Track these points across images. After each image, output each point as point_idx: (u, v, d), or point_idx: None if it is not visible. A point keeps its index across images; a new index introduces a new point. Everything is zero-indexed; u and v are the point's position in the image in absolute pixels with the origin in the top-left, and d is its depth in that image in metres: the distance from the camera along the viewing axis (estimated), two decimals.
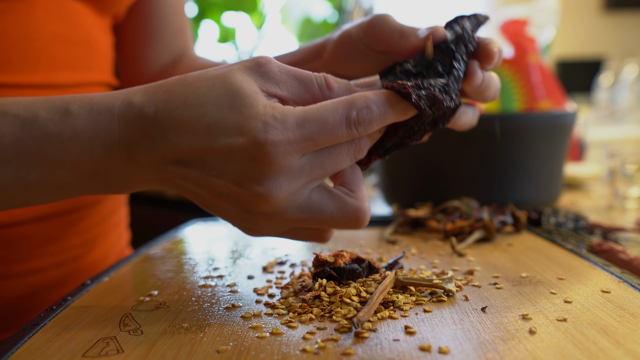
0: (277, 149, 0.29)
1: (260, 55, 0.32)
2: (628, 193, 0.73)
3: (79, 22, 0.51)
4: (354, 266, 0.37)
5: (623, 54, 2.79)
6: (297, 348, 0.28)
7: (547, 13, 1.02)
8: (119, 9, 0.56)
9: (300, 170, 0.31)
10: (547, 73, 0.90)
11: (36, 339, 0.30)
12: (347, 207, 0.33)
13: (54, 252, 0.51)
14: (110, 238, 0.58)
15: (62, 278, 0.52)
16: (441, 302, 0.34)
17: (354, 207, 0.33)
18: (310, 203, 0.32)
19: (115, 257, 0.59)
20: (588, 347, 0.27)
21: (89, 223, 0.54)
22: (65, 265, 0.52)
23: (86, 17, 0.52)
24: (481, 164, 0.60)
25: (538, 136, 0.60)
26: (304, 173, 0.31)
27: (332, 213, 0.33)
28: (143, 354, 0.28)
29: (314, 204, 0.32)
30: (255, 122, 0.29)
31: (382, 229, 0.55)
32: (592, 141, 1.13)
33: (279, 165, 0.30)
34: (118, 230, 0.61)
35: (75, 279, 0.52)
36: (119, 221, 0.61)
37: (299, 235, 0.35)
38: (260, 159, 0.29)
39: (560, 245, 0.46)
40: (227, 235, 0.55)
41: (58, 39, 0.49)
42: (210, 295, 0.37)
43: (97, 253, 0.56)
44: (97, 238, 0.56)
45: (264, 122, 0.29)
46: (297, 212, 0.32)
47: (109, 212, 0.58)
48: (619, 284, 0.36)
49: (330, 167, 0.32)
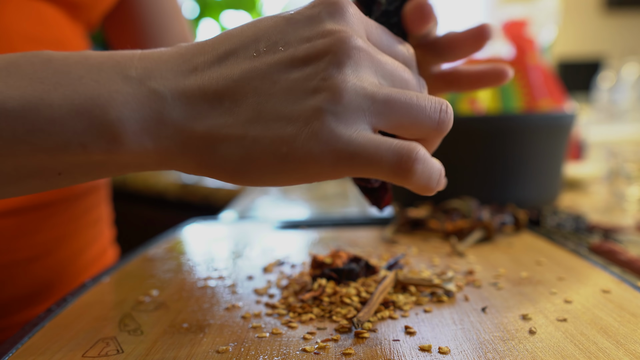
0: (346, 9, 0.27)
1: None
2: (628, 193, 0.73)
3: (51, 24, 0.50)
4: (352, 266, 0.37)
5: (623, 53, 2.79)
6: (297, 348, 0.28)
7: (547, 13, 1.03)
8: (91, 15, 0.55)
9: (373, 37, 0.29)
10: (547, 73, 0.90)
11: (36, 339, 0.30)
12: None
13: (24, 246, 0.50)
14: (88, 234, 0.58)
15: (35, 272, 0.51)
16: (441, 302, 0.34)
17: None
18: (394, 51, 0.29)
19: (95, 253, 0.59)
20: (588, 347, 0.27)
21: (63, 218, 0.53)
22: (37, 260, 0.51)
23: (58, 19, 0.51)
24: (481, 164, 0.60)
25: (538, 136, 0.60)
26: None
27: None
28: (143, 354, 0.28)
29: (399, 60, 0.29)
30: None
31: (382, 229, 0.55)
32: (592, 141, 1.13)
33: (354, 17, 0.27)
34: (98, 227, 0.60)
35: (49, 274, 0.52)
36: (99, 218, 0.61)
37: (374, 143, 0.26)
38: (334, 8, 0.27)
39: (560, 245, 0.46)
40: (227, 235, 0.55)
41: (29, 40, 0.48)
42: (210, 295, 0.37)
43: (72, 248, 0.55)
44: (72, 234, 0.55)
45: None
46: (382, 55, 0.27)
47: (86, 208, 0.57)
48: (619, 284, 0.36)
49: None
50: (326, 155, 0.25)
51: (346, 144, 0.25)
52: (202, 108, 0.26)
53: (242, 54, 0.26)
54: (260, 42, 0.27)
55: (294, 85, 0.25)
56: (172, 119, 0.25)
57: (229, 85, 0.26)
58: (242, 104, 0.25)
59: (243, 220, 0.63)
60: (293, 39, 0.26)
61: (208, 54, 0.27)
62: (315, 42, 0.26)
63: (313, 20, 0.27)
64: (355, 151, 0.25)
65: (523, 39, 0.89)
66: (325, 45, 0.26)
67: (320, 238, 0.52)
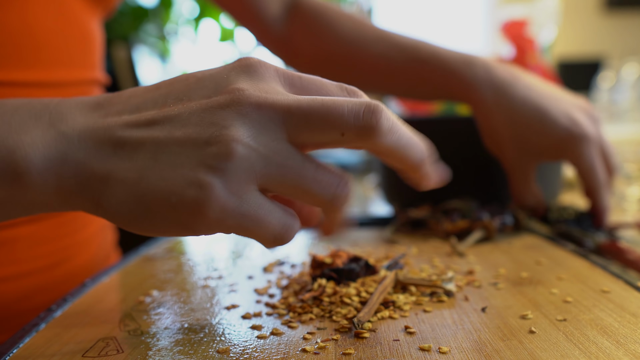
0: (263, 67, 0.28)
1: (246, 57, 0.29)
2: (628, 193, 0.73)
3: (74, 17, 0.51)
4: (352, 266, 0.37)
5: (623, 53, 2.79)
6: (297, 348, 0.28)
7: (547, 13, 1.03)
8: (112, 3, 0.56)
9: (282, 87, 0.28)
10: (547, 73, 0.90)
11: (36, 339, 0.30)
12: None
13: (43, 254, 0.50)
14: (98, 240, 0.58)
15: (53, 281, 0.51)
16: (441, 302, 0.34)
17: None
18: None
19: (102, 258, 0.59)
20: (588, 347, 0.27)
21: (79, 224, 0.53)
22: (55, 267, 0.51)
23: (80, 11, 0.51)
24: (482, 164, 0.60)
25: None
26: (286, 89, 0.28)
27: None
28: (143, 354, 0.28)
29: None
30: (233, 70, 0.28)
31: (382, 229, 0.55)
32: None
33: (259, 74, 0.28)
34: (105, 232, 0.61)
35: (65, 282, 0.52)
36: (106, 223, 0.61)
37: (262, 211, 0.27)
38: (245, 68, 0.28)
39: (560, 245, 0.46)
40: (227, 235, 0.55)
41: (54, 35, 0.48)
42: (210, 295, 0.37)
43: (87, 255, 0.55)
44: (86, 239, 0.55)
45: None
46: (292, 98, 0.27)
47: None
48: (619, 283, 0.36)
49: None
50: (214, 213, 0.26)
51: (234, 208, 0.26)
52: (105, 151, 0.27)
53: (150, 107, 0.28)
54: (169, 97, 0.28)
55: (188, 139, 0.26)
56: (75, 160, 0.26)
57: (131, 134, 0.27)
58: (140, 151, 0.26)
59: None
60: (197, 95, 0.27)
61: (122, 104, 0.28)
62: (215, 98, 0.27)
63: (221, 79, 0.28)
64: (243, 215, 0.26)
65: (523, 39, 0.89)
66: (224, 101, 0.26)
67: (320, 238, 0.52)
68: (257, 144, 0.26)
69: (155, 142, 0.26)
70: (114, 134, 0.27)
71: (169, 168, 0.26)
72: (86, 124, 0.27)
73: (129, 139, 0.27)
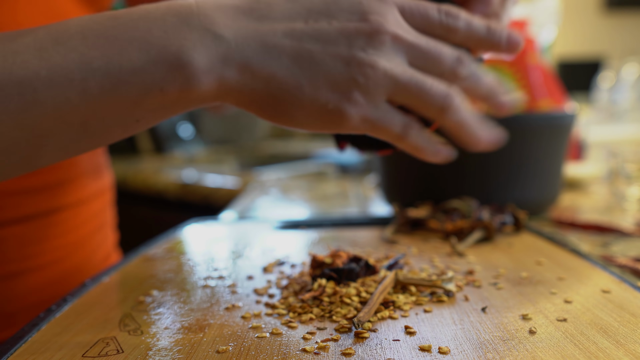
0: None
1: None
2: (628, 193, 0.73)
3: (66, 17, 0.50)
4: (352, 266, 0.37)
5: (623, 54, 2.79)
6: (297, 348, 0.28)
7: (547, 13, 1.03)
8: (105, 3, 0.56)
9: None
10: (547, 73, 0.90)
11: (36, 339, 0.30)
12: None
13: (33, 254, 0.50)
14: (95, 240, 0.58)
15: (44, 282, 0.51)
16: (441, 302, 0.34)
17: None
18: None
19: (101, 259, 0.59)
20: (588, 347, 0.27)
21: (70, 225, 0.53)
22: (46, 268, 0.51)
23: (72, 11, 0.51)
24: (481, 164, 0.60)
25: (538, 136, 0.60)
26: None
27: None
28: (143, 354, 0.28)
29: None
30: None
31: (382, 229, 0.55)
32: (592, 141, 1.13)
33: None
34: (104, 232, 0.60)
35: (57, 283, 0.52)
36: (105, 223, 0.60)
37: (391, 116, 0.33)
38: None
39: (560, 245, 0.46)
40: (227, 235, 0.55)
41: None
42: (210, 295, 0.37)
43: (80, 256, 0.55)
44: (80, 240, 0.55)
45: None
46: (414, 35, 0.32)
47: (93, 214, 0.57)
48: (619, 284, 0.36)
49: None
50: (356, 119, 0.32)
51: (371, 114, 0.32)
52: (264, 55, 0.30)
53: (297, 19, 0.31)
54: (312, 13, 0.31)
55: (340, 56, 0.31)
56: (237, 61, 0.30)
57: (288, 43, 0.30)
58: (298, 60, 0.30)
59: (243, 220, 0.63)
60: (340, 17, 0.31)
61: (267, 10, 0.31)
62: (359, 25, 0.31)
63: (357, 2, 0.32)
64: (377, 119, 0.32)
65: (523, 39, 0.89)
66: (368, 30, 0.31)
67: (320, 238, 0.52)
68: (390, 66, 0.31)
69: (310, 54, 0.30)
70: (271, 39, 0.30)
71: (324, 81, 0.31)
72: (239, 27, 0.30)
73: (287, 46, 0.30)
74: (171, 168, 1.47)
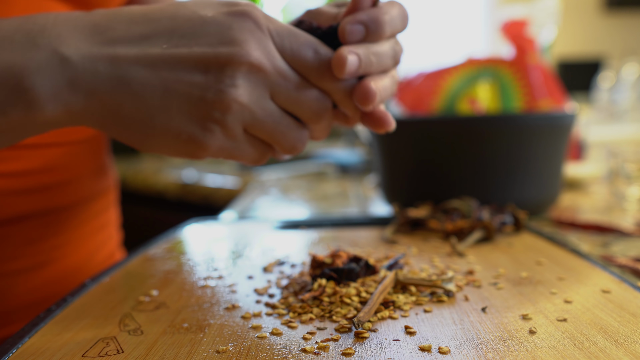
0: (261, 20, 0.31)
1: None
2: (628, 193, 0.73)
3: None
4: (352, 266, 0.37)
5: (623, 54, 2.79)
6: (297, 348, 0.28)
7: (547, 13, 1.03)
8: (100, 6, 0.55)
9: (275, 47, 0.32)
10: (547, 73, 0.90)
11: (36, 339, 0.30)
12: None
13: (28, 254, 0.49)
14: (96, 240, 0.57)
15: (41, 281, 0.51)
16: (441, 302, 0.34)
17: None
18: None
19: (104, 258, 0.59)
20: (588, 347, 0.27)
21: (70, 224, 0.53)
22: (43, 267, 0.51)
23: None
24: (481, 164, 0.60)
25: (538, 136, 0.60)
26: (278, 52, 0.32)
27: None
28: (143, 354, 0.28)
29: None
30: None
31: (382, 229, 0.55)
32: (592, 141, 1.13)
33: (258, 25, 0.30)
34: (107, 232, 0.60)
35: (56, 282, 0.51)
36: (107, 222, 0.60)
37: (247, 147, 0.33)
38: (239, 15, 0.30)
39: (560, 245, 0.46)
40: (227, 235, 0.55)
41: None
42: (210, 295, 0.37)
43: (80, 254, 0.55)
44: (79, 239, 0.55)
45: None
46: (280, 70, 0.31)
47: (95, 213, 0.57)
48: (619, 284, 0.36)
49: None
50: (213, 149, 0.32)
51: (227, 145, 0.32)
52: (114, 83, 0.29)
53: (155, 42, 0.29)
54: (174, 35, 0.30)
55: (196, 87, 0.30)
56: (84, 87, 0.28)
57: (140, 72, 0.29)
58: (149, 90, 0.29)
59: (243, 220, 0.63)
60: (202, 41, 0.30)
61: (124, 30, 0.29)
62: (220, 50, 0.30)
63: (225, 27, 0.30)
64: (233, 148, 0.33)
65: (523, 39, 0.89)
66: (227, 57, 0.29)
67: (320, 238, 0.52)
68: (248, 101, 0.30)
69: (164, 83, 0.29)
70: (121, 66, 0.28)
71: (178, 112, 0.30)
72: (90, 50, 0.28)
73: (138, 75, 0.29)
74: (171, 168, 1.47)
